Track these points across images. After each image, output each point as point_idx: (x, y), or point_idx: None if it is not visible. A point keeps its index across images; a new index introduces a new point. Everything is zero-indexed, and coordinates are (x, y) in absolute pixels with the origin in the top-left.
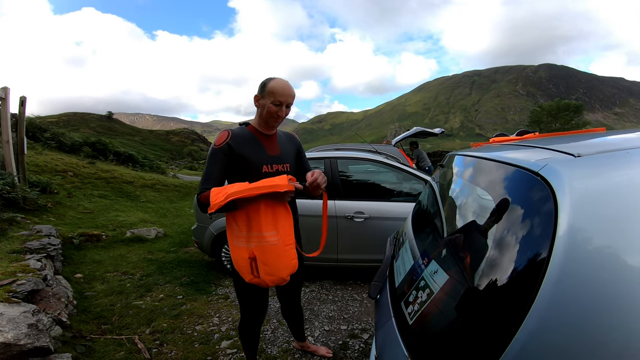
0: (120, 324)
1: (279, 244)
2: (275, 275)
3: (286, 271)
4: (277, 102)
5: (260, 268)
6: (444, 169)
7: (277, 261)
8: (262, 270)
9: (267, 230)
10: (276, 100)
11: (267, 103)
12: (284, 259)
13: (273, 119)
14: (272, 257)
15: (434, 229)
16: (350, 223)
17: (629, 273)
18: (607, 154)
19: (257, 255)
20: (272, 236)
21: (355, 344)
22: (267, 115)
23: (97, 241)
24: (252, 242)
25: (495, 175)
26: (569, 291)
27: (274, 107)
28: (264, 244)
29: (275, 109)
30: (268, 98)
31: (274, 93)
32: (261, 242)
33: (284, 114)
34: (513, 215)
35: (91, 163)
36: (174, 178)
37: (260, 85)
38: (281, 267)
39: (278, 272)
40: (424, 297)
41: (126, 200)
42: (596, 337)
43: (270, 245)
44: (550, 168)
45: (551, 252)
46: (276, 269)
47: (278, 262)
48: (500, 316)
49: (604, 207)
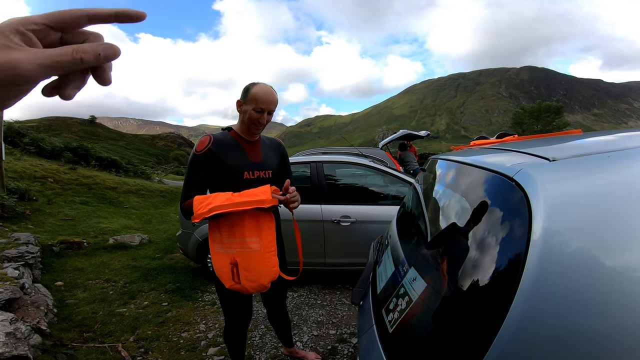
0: (103, 332)
1: (260, 250)
2: (256, 281)
3: (267, 278)
4: (259, 109)
5: (241, 274)
6: (426, 173)
7: (259, 268)
8: (243, 276)
9: (250, 236)
10: (258, 107)
11: (249, 109)
12: (265, 265)
13: (254, 126)
14: (253, 263)
15: (416, 232)
16: (337, 227)
17: (605, 275)
18: (583, 157)
19: (239, 261)
20: (255, 243)
21: (344, 348)
22: (249, 122)
23: (78, 248)
24: (235, 248)
25: (473, 180)
26: (545, 294)
27: (256, 114)
28: (246, 250)
29: (256, 116)
30: (250, 104)
31: (256, 99)
32: (243, 249)
33: (266, 121)
34: (490, 220)
35: (72, 169)
36: (159, 183)
37: (244, 91)
38: (262, 273)
39: (259, 279)
40: (403, 304)
41: (109, 206)
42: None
43: (252, 251)
44: (525, 173)
45: (526, 257)
46: (257, 275)
47: (259, 268)
48: (478, 323)
49: (579, 211)
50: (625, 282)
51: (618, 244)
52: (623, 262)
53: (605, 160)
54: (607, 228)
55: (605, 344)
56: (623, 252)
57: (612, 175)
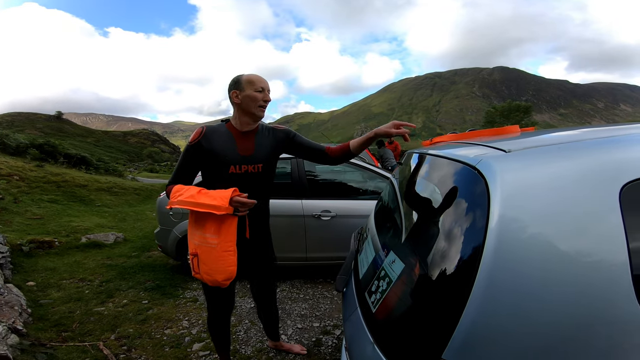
0: (81, 331)
1: (217, 248)
2: (212, 276)
3: (222, 276)
4: (259, 89)
5: (200, 266)
6: (403, 167)
7: (214, 264)
8: (201, 268)
9: (209, 232)
10: (258, 87)
11: (251, 92)
12: (220, 263)
13: (260, 107)
14: (209, 258)
15: (393, 223)
16: (318, 222)
17: (558, 257)
18: (535, 149)
19: (199, 254)
20: (213, 239)
21: (329, 340)
22: (253, 105)
23: (49, 248)
24: (196, 240)
25: (443, 170)
26: (503, 274)
27: (259, 94)
28: (204, 245)
29: (260, 95)
30: (248, 88)
31: (252, 82)
32: (202, 243)
33: (269, 98)
34: (456, 205)
35: (39, 166)
36: (133, 181)
37: (233, 82)
38: (217, 270)
39: (214, 275)
40: (384, 285)
41: (80, 204)
42: (530, 315)
43: (210, 247)
44: (485, 162)
45: (485, 238)
46: (213, 270)
47: (215, 265)
48: (448, 299)
49: (532, 196)
50: (576, 264)
51: (570, 229)
52: (576, 247)
53: (555, 151)
54: (558, 213)
55: (557, 318)
56: (576, 237)
57: (562, 164)
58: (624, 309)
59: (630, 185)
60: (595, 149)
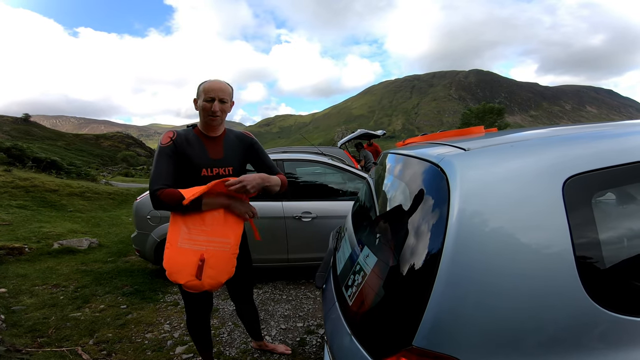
0: (58, 337)
1: (229, 251)
2: (216, 279)
3: (227, 276)
4: (209, 98)
5: (205, 271)
6: (378, 166)
7: (224, 267)
8: (206, 273)
9: (226, 237)
10: (207, 96)
11: (201, 102)
12: (229, 265)
13: (210, 117)
14: (221, 262)
15: (368, 220)
16: (299, 223)
17: (511, 248)
18: (491, 147)
19: (207, 259)
20: (227, 243)
21: (312, 339)
22: (205, 115)
23: (19, 254)
24: (204, 245)
25: (412, 169)
26: (462, 264)
27: (207, 104)
28: (218, 249)
29: (208, 105)
30: (201, 97)
31: (205, 91)
32: (217, 247)
33: (218, 109)
34: (422, 202)
35: (7, 170)
36: (106, 185)
37: (197, 89)
38: (225, 272)
39: (220, 277)
40: (359, 279)
41: (50, 210)
42: (489, 302)
43: (223, 251)
44: (446, 160)
45: (446, 231)
46: (221, 273)
47: (224, 267)
48: (414, 289)
49: (488, 191)
50: (525, 254)
51: (520, 222)
52: (526, 238)
53: (509, 149)
54: (510, 206)
55: (514, 304)
56: (526, 229)
57: (514, 161)
58: (570, 295)
59: (571, 180)
60: (541, 147)
